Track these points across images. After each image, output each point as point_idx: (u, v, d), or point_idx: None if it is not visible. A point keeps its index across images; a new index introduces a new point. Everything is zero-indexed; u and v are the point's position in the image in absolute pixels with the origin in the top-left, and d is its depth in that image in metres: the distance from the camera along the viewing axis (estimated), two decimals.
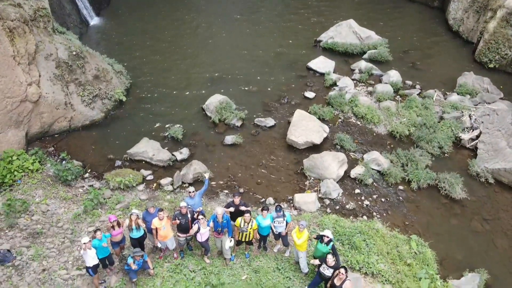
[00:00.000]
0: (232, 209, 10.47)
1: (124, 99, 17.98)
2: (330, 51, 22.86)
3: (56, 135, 16.08)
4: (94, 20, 27.46)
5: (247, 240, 10.40)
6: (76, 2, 26.16)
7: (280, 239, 10.77)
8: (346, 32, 23.12)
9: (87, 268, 9.44)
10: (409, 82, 20.06)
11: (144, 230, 10.35)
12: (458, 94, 18.67)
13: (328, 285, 9.23)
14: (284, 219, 10.30)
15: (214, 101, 17.39)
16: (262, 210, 10.34)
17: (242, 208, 10.43)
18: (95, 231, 9.60)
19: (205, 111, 17.54)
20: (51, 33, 16.15)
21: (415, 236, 11.71)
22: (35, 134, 15.29)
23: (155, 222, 9.97)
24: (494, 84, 19.80)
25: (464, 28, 24.46)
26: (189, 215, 10.23)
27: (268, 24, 25.50)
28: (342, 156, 14.26)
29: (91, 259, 9.29)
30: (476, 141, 15.50)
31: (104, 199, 12.76)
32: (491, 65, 21.13)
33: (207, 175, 11.52)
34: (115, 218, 9.94)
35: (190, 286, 9.96)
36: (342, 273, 8.73)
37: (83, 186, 13.47)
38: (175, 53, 22.32)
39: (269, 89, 19.49)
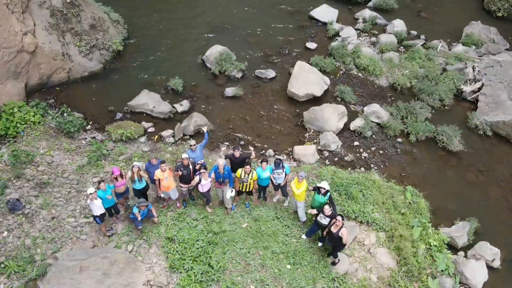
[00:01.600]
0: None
1: (121, 49, 17.63)
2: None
3: (56, 87, 15.98)
4: None
5: (247, 190, 10.74)
6: None
7: (279, 189, 11.11)
8: None
9: (94, 217, 9.85)
10: (414, 32, 19.59)
11: (147, 182, 10.66)
12: (463, 44, 18.31)
13: (325, 232, 9.68)
14: (283, 171, 10.56)
15: (214, 52, 17.10)
16: (261, 162, 10.57)
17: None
18: (99, 182, 9.90)
19: (205, 62, 17.29)
20: None
21: (410, 187, 12.07)
22: (34, 86, 15.20)
23: (158, 173, 10.24)
24: (502, 33, 19.36)
25: None
26: (191, 167, 10.48)
27: None
28: (342, 109, 14.29)
29: (98, 208, 9.67)
30: (478, 93, 15.42)
31: (107, 150, 12.99)
32: (500, 14, 20.52)
33: (205, 129, 11.64)
34: (118, 171, 10.19)
35: (193, 233, 10.45)
36: (339, 221, 9.13)
37: (86, 138, 13.66)
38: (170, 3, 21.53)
39: (270, 39, 19.05)
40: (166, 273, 9.84)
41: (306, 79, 15.39)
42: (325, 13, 20.38)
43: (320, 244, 10.38)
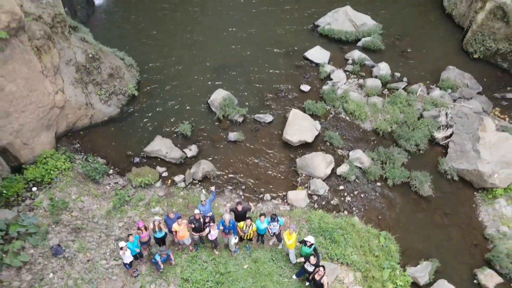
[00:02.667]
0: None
1: (136, 93, 19.86)
2: (327, 37, 24.15)
3: (80, 131, 18.24)
4: (100, 0, 28.22)
5: (248, 238, 13.08)
6: None
7: (275, 236, 13.46)
8: (342, 19, 24.23)
9: (124, 263, 12.19)
10: (397, 74, 21.72)
11: (165, 232, 12.99)
12: (440, 88, 20.50)
13: (310, 277, 12.04)
14: (277, 223, 12.89)
15: (218, 97, 19.31)
16: (260, 215, 12.91)
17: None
18: (128, 236, 12.23)
19: (210, 106, 19.51)
20: (68, 37, 17.64)
21: (384, 232, 14.39)
22: (62, 132, 17.45)
23: (175, 226, 12.57)
24: (478, 74, 21.59)
25: (457, 12, 25.45)
26: (201, 220, 12.80)
27: (269, 9, 26.32)
28: (329, 158, 16.56)
29: (128, 257, 12.01)
30: (449, 139, 17.68)
31: (129, 196, 15.30)
32: (476, 56, 22.62)
33: (213, 188, 13.96)
34: (143, 223, 12.53)
35: (204, 274, 12.82)
36: (321, 271, 11.47)
37: (110, 183, 15.96)
38: (179, 37, 23.79)
39: (267, 80, 21.24)
40: None
41: (299, 127, 17.64)
42: (318, 54, 22.53)
43: (307, 283, 12.75)
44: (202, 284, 12.59)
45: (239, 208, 13.11)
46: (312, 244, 12.18)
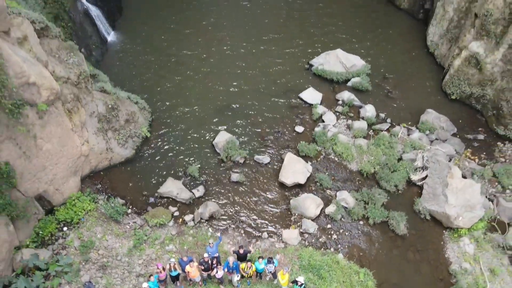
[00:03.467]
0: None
1: (149, 135, 22.40)
2: (320, 77, 26.67)
3: (100, 172, 20.79)
4: (111, 36, 30.77)
5: (248, 276, 15.68)
6: (95, 22, 29.33)
7: (271, 274, 16.06)
8: (334, 61, 26.73)
9: None
10: (382, 115, 24.24)
11: (179, 272, 15.57)
12: (420, 130, 23.03)
13: None
14: (273, 264, 15.48)
15: (222, 140, 21.86)
16: (258, 258, 15.49)
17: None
18: (149, 276, 14.82)
19: (214, 147, 22.04)
20: (90, 91, 20.13)
21: (363, 269, 16.97)
22: (85, 175, 19.99)
23: (188, 268, 15.15)
24: (454, 115, 24.16)
25: (438, 52, 27.95)
26: (209, 261, 15.39)
27: (268, 49, 28.78)
28: (319, 200, 19.13)
29: None
30: (424, 181, 20.25)
31: (146, 236, 17.88)
32: (453, 97, 25.13)
33: (219, 234, 16.53)
34: (161, 265, 15.12)
35: None
36: None
37: (129, 223, 18.53)
38: (185, 77, 26.36)
39: (266, 120, 23.77)
40: None
41: (293, 170, 20.19)
42: (312, 96, 25.05)
43: None
44: None
45: (241, 251, 15.69)
46: (302, 284, 14.77)
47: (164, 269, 15.26)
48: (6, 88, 13.84)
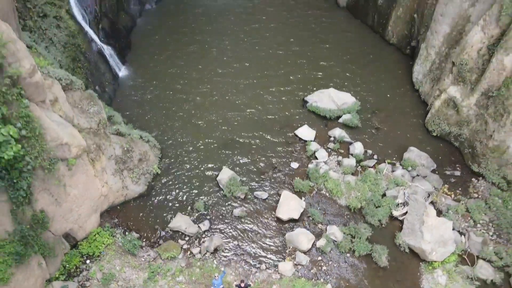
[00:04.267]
0: None
1: (159, 171, 24.96)
2: (314, 113, 29.27)
3: (117, 207, 23.33)
4: (122, 71, 33.41)
5: None
6: (108, 60, 31.95)
7: None
8: (326, 99, 29.32)
9: None
10: (369, 151, 26.81)
11: None
12: (403, 167, 25.59)
13: None
14: None
15: (225, 177, 24.40)
16: None
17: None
18: None
19: (218, 183, 24.60)
20: (108, 136, 22.69)
21: None
22: (104, 211, 22.55)
23: None
24: (435, 151, 26.73)
25: (422, 90, 30.56)
26: None
27: (268, 90, 31.40)
28: (311, 236, 21.66)
29: None
30: (405, 216, 22.80)
31: (159, 268, 20.43)
32: (434, 134, 27.71)
33: (223, 268, 19.10)
34: None
35: None
36: None
37: (144, 256, 21.07)
38: (190, 109, 29.03)
39: (264, 156, 26.34)
40: None
41: (288, 206, 22.76)
42: (306, 132, 27.62)
43: None
44: None
45: (242, 284, 18.27)
46: None
47: None
48: (45, 152, 16.38)
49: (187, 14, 40.21)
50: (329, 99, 29.18)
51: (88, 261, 20.35)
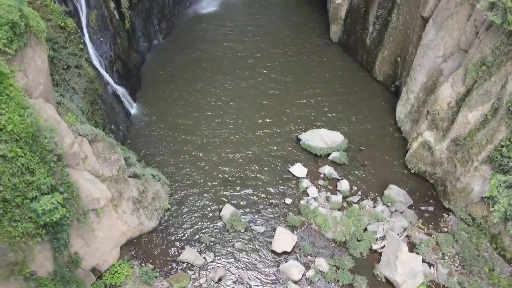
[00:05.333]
0: None
1: (169, 207, 28.56)
2: (307, 151, 32.87)
3: (133, 240, 26.90)
4: (134, 109, 36.97)
5: None
6: (121, 99, 35.51)
7: None
8: (318, 138, 32.91)
9: None
10: (354, 188, 30.41)
11: None
12: (383, 203, 29.19)
13: None
14: None
15: (227, 213, 28.01)
16: None
17: None
18: None
19: (221, 218, 28.21)
20: (126, 179, 26.25)
21: None
22: (122, 245, 26.13)
23: None
24: (413, 187, 30.31)
25: (404, 129, 34.13)
26: None
27: (266, 125, 35.02)
28: (301, 268, 25.26)
29: None
30: (382, 249, 26.40)
31: None
32: (413, 171, 31.30)
33: None
34: None
35: None
36: None
37: (158, 285, 24.67)
38: (196, 147, 32.51)
39: (261, 192, 29.93)
40: None
41: (282, 241, 26.36)
42: (299, 170, 31.21)
43: None
44: None
45: None
46: None
47: None
48: (80, 207, 19.95)
49: (192, 49, 43.65)
50: (320, 138, 32.76)
51: None
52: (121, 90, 35.56)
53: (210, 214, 28.60)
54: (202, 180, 30.55)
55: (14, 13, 16.20)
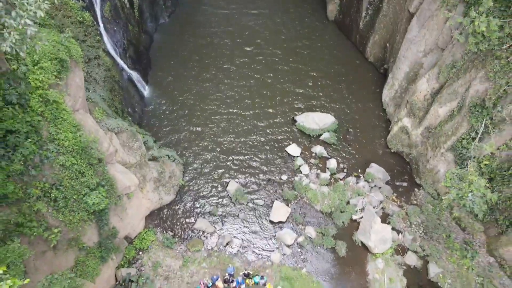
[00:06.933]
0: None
1: (183, 183, 33.89)
2: (301, 131, 37.53)
3: (155, 211, 32.51)
4: (146, 91, 41.02)
5: (250, 285, 28.09)
6: (136, 84, 39.50)
7: (262, 284, 28.44)
8: (311, 120, 37.38)
9: None
10: (341, 165, 35.50)
11: (211, 284, 27.91)
12: (364, 180, 34.42)
13: None
14: (264, 280, 27.78)
15: (232, 189, 33.37)
16: (255, 275, 27.78)
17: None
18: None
19: (228, 193, 33.63)
20: (147, 163, 31.27)
21: (316, 280, 29.28)
22: (146, 216, 31.77)
23: (217, 283, 27.48)
24: (391, 164, 35.38)
25: (388, 111, 38.46)
26: (229, 279, 27.67)
27: (264, 111, 39.24)
28: (294, 235, 31.04)
29: None
30: (361, 220, 32.04)
31: (189, 257, 30.06)
32: (393, 150, 36.18)
33: (231, 266, 28.64)
34: (202, 281, 27.45)
35: None
36: None
37: (177, 249, 30.63)
38: (203, 126, 37.14)
39: (261, 170, 35.08)
40: None
41: (278, 213, 31.95)
42: (294, 150, 36.09)
43: None
44: None
45: (246, 273, 27.99)
46: None
47: (204, 284, 27.63)
48: (116, 194, 25.12)
49: (196, 27, 46.51)
50: (313, 120, 37.22)
51: (140, 253, 29.94)
52: (135, 75, 39.30)
53: (218, 189, 33.94)
54: (210, 160, 35.52)
55: (62, 51, 20.12)
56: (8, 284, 11.98)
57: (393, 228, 31.35)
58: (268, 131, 37.49)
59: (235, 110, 38.77)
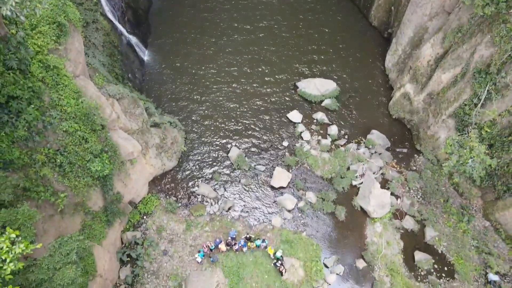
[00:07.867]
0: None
1: (185, 149, 34.18)
2: (303, 98, 37.39)
3: (158, 177, 33.01)
4: (146, 56, 40.50)
5: (251, 248, 28.99)
6: (135, 48, 38.94)
7: (263, 247, 29.34)
8: (313, 86, 37.15)
9: (198, 262, 28.26)
10: (342, 132, 35.62)
11: (214, 246, 28.79)
12: (365, 146, 34.66)
13: (278, 268, 28.17)
14: (265, 243, 28.65)
15: (234, 155, 33.69)
16: (257, 239, 28.63)
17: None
18: (198, 251, 28.09)
19: (229, 159, 33.98)
20: (149, 129, 31.40)
21: (315, 243, 30.14)
22: (150, 181, 32.29)
23: (220, 245, 28.37)
24: (392, 131, 35.55)
25: (391, 77, 38.14)
26: (231, 242, 28.53)
27: (265, 79, 38.83)
28: (295, 200, 31.65)
29: (199, 259, 28.03)
30: (360, 185, 32.59)
31: (192, 222, 30.84)
32: (394, 117, 36.20)
33: (233, 230, 29.36)
34: (205, 244, 28.33)
35: (232, 262, 28.98)
36: (282, 265, 27.58)
37: (181, 213, 31.36)
38: (204, 93, 37.02)
39: (262, 136, 35.26)
40: (225, 279, 28.67)
41: (279, 178, 32.42)
42: (295, 116, 36.09)
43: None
44: (231, 266, 28.80)
45: (248, 236, 28.82)
46: (280, 255, 28.08)
47: (207, 246, 28.51)
48: (120, 160, 25.42)
49: None
50: (314, 86, 36.97)
51: (145, 217, 30.69)
52: (134, 40, 38.63)
53: (220, 155, 34.26)
54: (211, 125, 35.61)
55: (60, 15, 19.71)
56: (21, 248, 12.41)
57: (392, 193, 31.92)
58: (269, 97, 37.33)
59: (236, 77, 38.43)
